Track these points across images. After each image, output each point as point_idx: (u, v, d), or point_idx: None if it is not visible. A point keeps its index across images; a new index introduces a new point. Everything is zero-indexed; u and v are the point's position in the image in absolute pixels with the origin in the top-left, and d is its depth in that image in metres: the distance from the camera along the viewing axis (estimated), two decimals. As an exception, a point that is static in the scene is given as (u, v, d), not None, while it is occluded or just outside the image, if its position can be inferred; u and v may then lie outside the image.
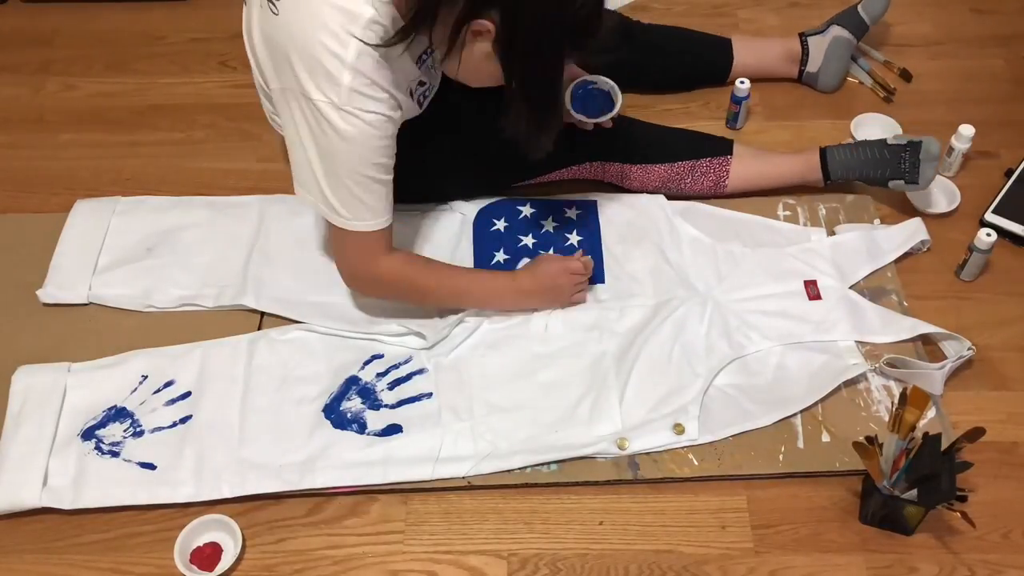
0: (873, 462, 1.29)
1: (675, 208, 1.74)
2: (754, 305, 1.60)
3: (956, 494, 1.26)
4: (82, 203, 1.78)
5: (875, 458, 1.29)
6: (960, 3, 2.19)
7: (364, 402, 1.50)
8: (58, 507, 1.39)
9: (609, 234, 1.71)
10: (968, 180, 1.80)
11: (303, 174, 1.37)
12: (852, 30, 1.93)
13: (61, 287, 1.65)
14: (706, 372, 1.51)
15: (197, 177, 1.87)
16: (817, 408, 1.48)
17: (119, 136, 1.96)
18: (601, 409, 1.48)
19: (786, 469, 1.42)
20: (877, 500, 1.33)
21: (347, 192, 1.35)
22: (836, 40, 1.93)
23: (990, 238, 1.59)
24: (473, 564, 1.36)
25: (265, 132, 1.95)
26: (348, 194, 1.35)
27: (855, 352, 1.54)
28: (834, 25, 1.94)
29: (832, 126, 1.92)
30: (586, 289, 1.60)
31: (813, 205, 1.76)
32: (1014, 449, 1.46)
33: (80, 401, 1.51)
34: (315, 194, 1.37)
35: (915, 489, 1.28)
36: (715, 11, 2.20)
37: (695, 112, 1.97)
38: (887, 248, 1.67)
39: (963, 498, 1.28)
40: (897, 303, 1.61)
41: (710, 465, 1.43)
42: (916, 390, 1.29)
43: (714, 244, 1.68)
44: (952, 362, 1.49)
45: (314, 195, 1.38)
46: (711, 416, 1.47)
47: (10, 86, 2.08)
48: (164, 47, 2.16)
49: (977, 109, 1.92)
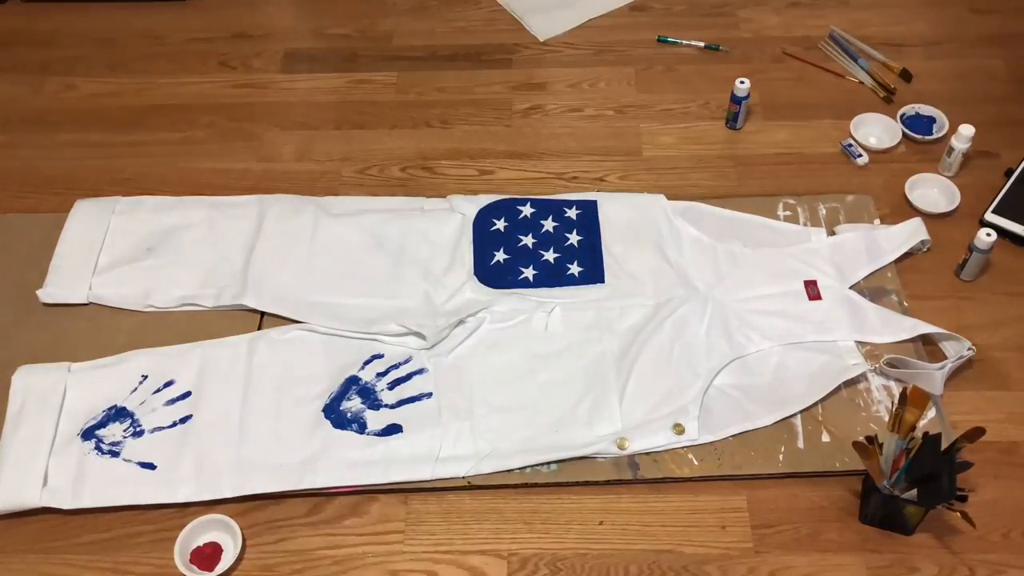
0: (873, 462, 1.29)
1: (675, 208, 1.74)
2: (754, 305, 1.61)
3: (956, 494, 1.26)
4: (82, 203, 1.78)
5: (875, 458, 1.29)
6: (960, 3, 2.19)
7: (364, 402, 1.50)
8: (58, 507, 1.40)
9: (609, 234, 1.71)
10: (968, 180, 1.80)
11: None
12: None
13: (61, 287, 1.65)
14: (706, 372, 1.51)
15: (197, 177, 1.87)
16: (817, 408, 1.48)
17: (119, 136, 1.96)
18: (601, 409, 1.48)
19: (786, 469, 1.42)
20: (877, 500, 1.33)
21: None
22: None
23: (990, 238, 1.59)
24: (473, 564, 1.36)
25: (265, 132, 1.96)
26: None
27: (855, 352, 1.54)
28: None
29: (832, 126, 1.92)
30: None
31: (813, 205, 1.76)
32: (1014, 449, 1.46)
33: (80, 401, 1.51)
34: None
35: (915, 489, 1.28)
36: (715, 11, 2.20)
37: (695, 112, 1.97)
38: (887, 248, 1.67)
39: (963, 498, 1.28)
40: (897, 303, 1.61)
41: (710, 465, 1.43)
42: (916, 390, 1.29)
43: (714, 244, 1.68)
44: (952, 362, 1.49)
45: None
46: (711, 416, 1.47)
47: (10, 86, 2.08)
48: (164, 47, 2.17)
49: (977, 109, 1.92)
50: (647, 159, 1.88)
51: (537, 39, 2.16)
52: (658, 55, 2.10)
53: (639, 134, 1.93)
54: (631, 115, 1.97)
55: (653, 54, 2.11)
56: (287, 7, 2.28)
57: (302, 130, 1.97)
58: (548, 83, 2.05)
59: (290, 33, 2.19)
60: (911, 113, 1.91)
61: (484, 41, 2.15)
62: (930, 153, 1.86)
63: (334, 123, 1.98)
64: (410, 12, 2.24)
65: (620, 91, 2.03)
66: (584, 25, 2.18)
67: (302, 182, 1.84)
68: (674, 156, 1.89)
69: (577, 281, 1.65)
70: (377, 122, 1.98)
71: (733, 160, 1.87)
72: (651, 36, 2.14)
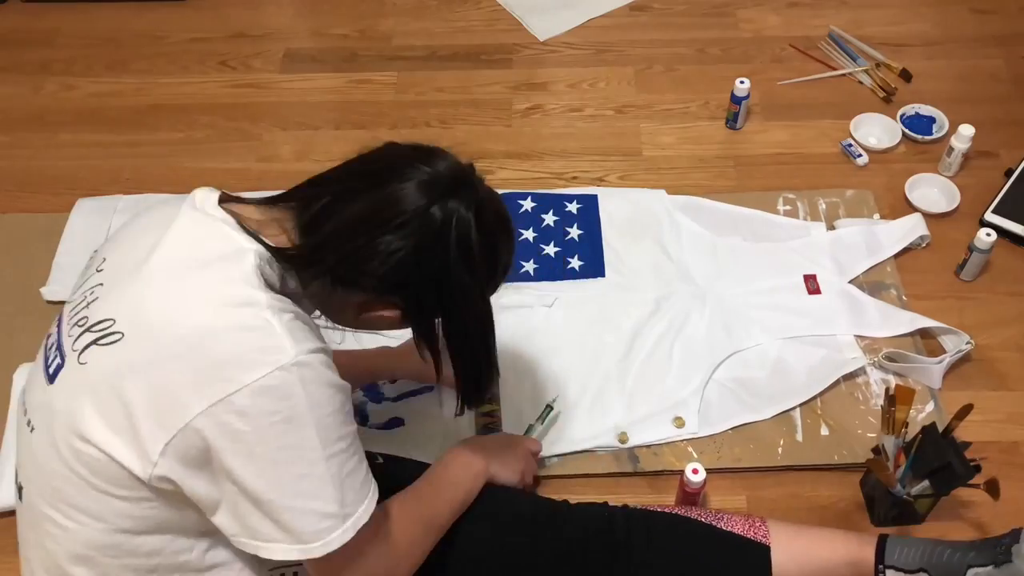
0: (886, 472, 1.29)
1: (675, 203, 1.75)
2: (754, 299, 1.61)
3: (971, 470, 1.25)
4: (84, 201, 1.78)
5: (887, 468, 1.29)
6: (960, 3, 2.20)
7: (366, 395, 1.50)
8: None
9: (610, 228, 1.71)
10: (968, 180, 1.79)
11: (242, 514, 0.93)
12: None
13: (65, 285, 1.65)
14: (706, 366, 1.51)
15: (197, 177, 1.86)
16: (816, 402, 1.48)
17: (119, 136, 1.97)
18: (602, 402, 1.48)
19: (785, 462, 1.42)
20: (886, 502, 1.32)
21: (319, 484, 0.93)
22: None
23: (990, 238, 1.59)
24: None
25: (265, 132, 1.96)
26: (334, 481, 0.94)
27: (854, 346, 1.54)
28: (923, 574, 1.21)
29: (832, 126, 1.92)
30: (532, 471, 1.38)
31: (813, 199, 1.76)
32: (1014, 449, 1.45)
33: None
34: (266, 529, 0.93)
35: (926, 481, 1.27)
36: (715, 11, 2.20)
37: (695, 112, 1.97)
38: (886, 243, 1.67)
39: (977, 468, 1.26)
40: (896, 297, 1.61)
41: (709, 458, 1.43)
42: (899, 388, 1.30)
43: (714, 238, 1.69)
44: (951, 356, 1.49)
45: (263, 532, 0.93)
46: (711, 409, 1.47)
47: (10, 86, 2.08)
48: (164, 47, 2.17)
49: (977, 109, 1.91)
50: (647, 159, 1.88)
51: (537, 39, 2.16)
52: (658, 55, 2.10)
53: (639, 134, 1.93)
54: (631, 115, 1.97)
55: (653, 54, 2.11)
56: (287, 7, 2.28)
57: (302, 130, 1.97)
58: (548, 83, 2.05)
59: (290, 33, 2.20)
60: (911, 113, 1.91)
61: (484, 41, 2.15)
62: (930, 153, 1.86)
63: (334, 123, 1.98)
64: (410, 12, 2.24)
65: (620, 91, 2.03)
66: (584, 25, 2.18)
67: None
68: (674, 156, 1.89)
69: (578, 275, 1.65)
70: (377, 122, 1.98)
71: (733, 160, 1.87)
72: (651, 36, 2.15)
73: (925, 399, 1.48)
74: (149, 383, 0.89)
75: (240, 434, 0.88)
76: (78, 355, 0.91)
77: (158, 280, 0.93)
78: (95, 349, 0.90)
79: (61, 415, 0.92)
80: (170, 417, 0.88)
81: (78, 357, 0.91)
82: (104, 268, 0.99)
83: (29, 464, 0.98)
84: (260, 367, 0.87)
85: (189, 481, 0.92)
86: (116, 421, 0.90)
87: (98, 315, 0.93)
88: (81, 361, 0.91)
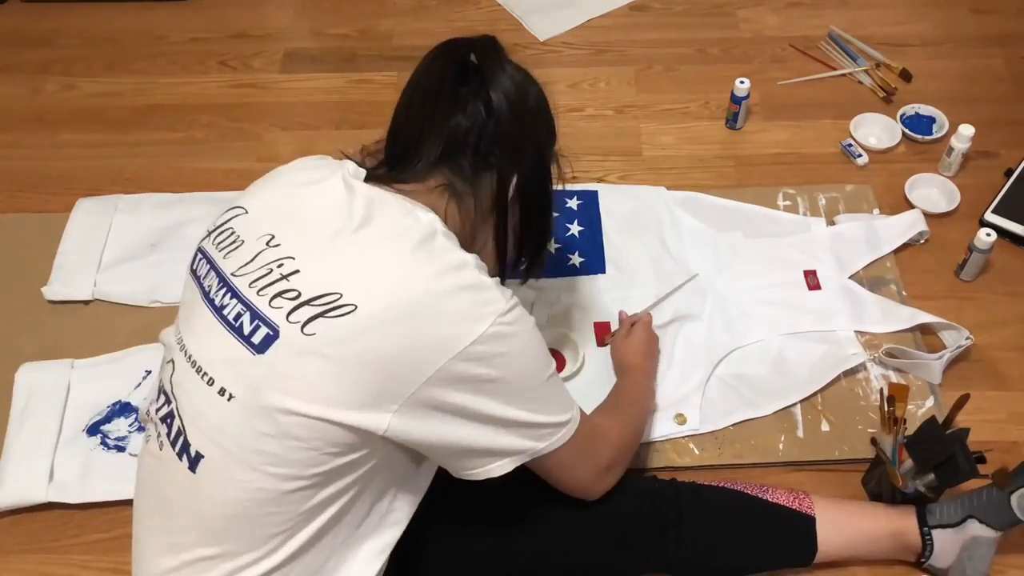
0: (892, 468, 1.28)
1: (676, 198, 1.75)
2: (754, 295, 1.61)
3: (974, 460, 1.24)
4: (84, 201, 1.78)
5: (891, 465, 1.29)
6: (960, 3, 2.20)
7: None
8: (66, 502, 1.39)
9: (610, 224, 1.72)
10: (968, 180, 1.80)
11: (485, 442, 1.04)
12: (998, 525, 1.27)
13: (66, 284, 1.65)
14: (707, 362, 1.52)
15: (197, 177, 1.87)
16: (817, 397, 1.49)
17: (119, 136, 1.97)
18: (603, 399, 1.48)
19: (786, 458, 1.42)
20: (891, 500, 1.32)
21: (547, 397, 1.08)
22: (977, 541, 1.27)
23: (990, 238, 1.59)
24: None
25: (265, 132, 1.96)
26: (549, 399, 1.09)
27: (854, 342, 1.54)
28: (971, 520, 1.28)
29: (832, 126, 1.92)
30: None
31: (813, 195, 1.77)
32: (1014, 449, 1.45)
33: (84, 397, 1.51)
34: (512, 442, 1.06)
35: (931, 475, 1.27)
36: (715, 11, 2.21)
37: (695, 112, 1.97)
38: (886, 238, 1.68)
39: (982, 458, 1.25)
40: (896, 293, 1.61)
41: (711, 454, 1.43)
42: (893, 386, 1.31)
43: (715, 234, 1.69)
44: (950, 352, 1.50)
45: (510, 446, 1.06)
46: (712, 405, 1.47)
47: (10, 86, 2.08)
48: (164, 47, 2.17)
49: (977, 109, 1.92)
50: (647, 159, 1.88)
51: (537, 39, 2.16)
52: (658, 55, 2.10)
53: (639, 134, 1.93)
54: (631, 115, 1.98)
55: (653, 54, 2.11)
56: (287, 7, 2.28)
57: (302, 130, 1.97)
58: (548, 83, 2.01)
59: (290, 33, 2.20)
60: (911, 113, 1.92)
61: (484, 41, 2.15)
62: (930, 153, 1.86)
63: (334, 123, 1.98)
64: (410, 12, 2.24)
65: (620, 91, 2.03)
66: (584, 25, 2.19)
67: (302, 181, 1.84)
68: (674, 156, 1.89)
69: (578, 271, 1.65)
70: (377, 122, 1.95)
71: (733, 160, 1.87)
72: (651, 36, 2.15)
73: (925, 395, 1.48)
74: (390, 347, 0.96)
75: (479, 377, 0.99)
76: (300, 327, 0.95)
77: (380, 254, 1.00)
78: (323, 321, 0.95)
79: (282, 381, 0.96)
80: (412, 375, 0.97)
81: (301, 328, 0.95)
82: (282, 243, 1.02)
83: (213, 430, 0.99)
84: (486, 318, 0.99)
85: (419, 430, 1.00)
86: (352, 386, 0.96)
87: (313, 289, 0.97)
88: (307, 332, 0.95)
